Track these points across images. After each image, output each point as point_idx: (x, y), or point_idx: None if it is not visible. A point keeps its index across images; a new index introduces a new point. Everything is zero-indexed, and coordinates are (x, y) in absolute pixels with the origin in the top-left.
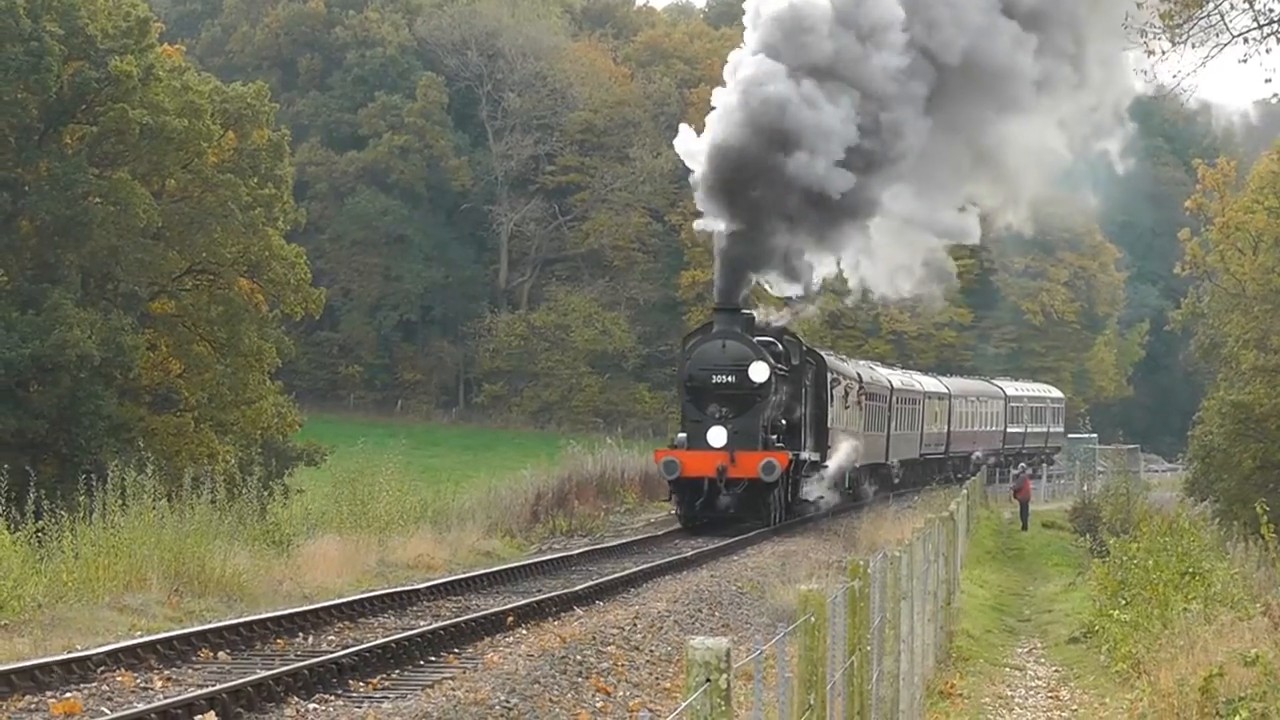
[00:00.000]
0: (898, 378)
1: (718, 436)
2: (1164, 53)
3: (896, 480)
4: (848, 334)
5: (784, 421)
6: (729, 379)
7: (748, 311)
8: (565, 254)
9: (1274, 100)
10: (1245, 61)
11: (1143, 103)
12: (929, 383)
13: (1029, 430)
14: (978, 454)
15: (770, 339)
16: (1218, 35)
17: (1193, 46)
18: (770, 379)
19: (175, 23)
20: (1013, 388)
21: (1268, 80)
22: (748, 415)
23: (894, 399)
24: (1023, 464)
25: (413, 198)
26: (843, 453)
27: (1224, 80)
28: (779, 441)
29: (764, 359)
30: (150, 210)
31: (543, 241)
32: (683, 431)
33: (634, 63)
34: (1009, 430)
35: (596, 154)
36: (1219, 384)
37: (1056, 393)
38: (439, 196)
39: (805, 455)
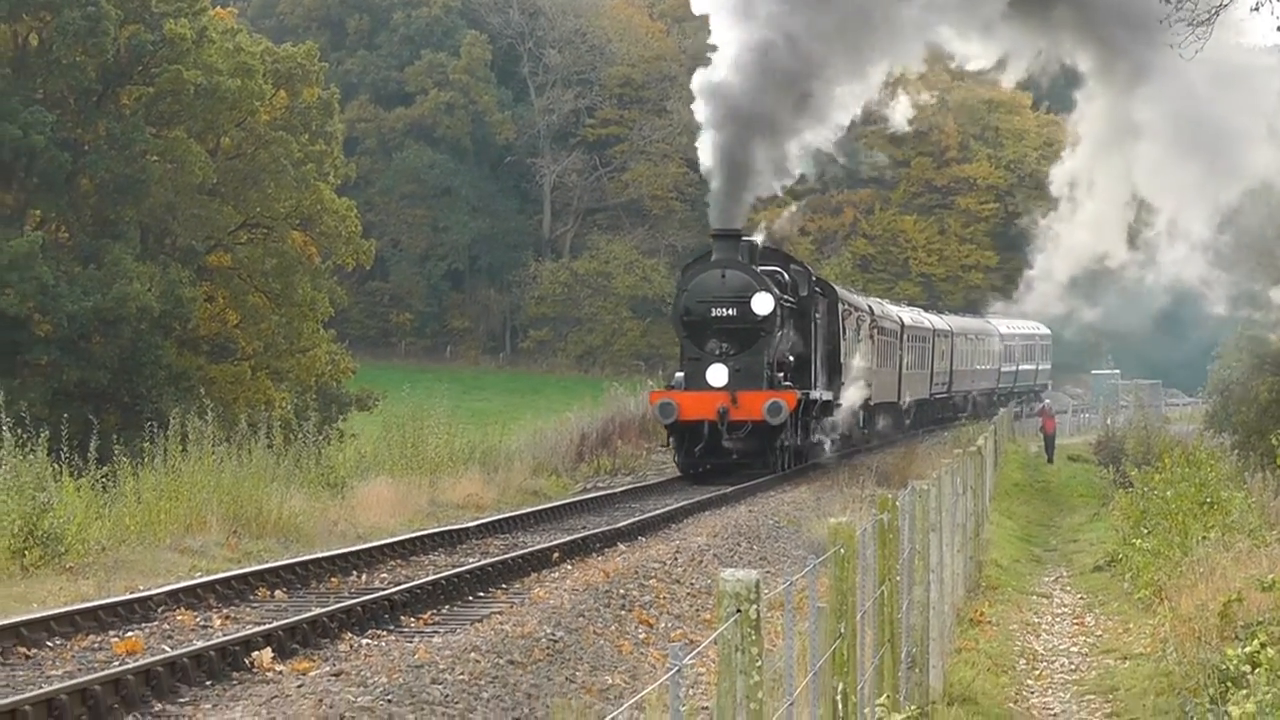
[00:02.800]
0: (907, 314)
1: (718, 375)
2: (1180, 2)
3: (908, 421)
4: (878, 276)
5: (791, 358)
6: (729, 312)
7: (749, 238)
8: (606, 204)
9: None
10: (1257, 9)
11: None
12: (935, 319)
13: (1020, 368)
14: (976, 392)
15: (775, 268)
16: None
17: None
18: (775, 311)
19: None
20: (1005, 325)
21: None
22: (751, 351)
23: (905, 335)
24: (1046, 400)
25: (459, 152)
26: (857, 391)
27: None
28: (786, 380)
29: (768, 289)
30: (206, 167)
31: (584, 192)
32: (680, 370)
33: (669, 18)
34: (1003, 369)
35: (635, 107)
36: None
37: (1044, 329)
38: (484, 150)
39: (816, 394)
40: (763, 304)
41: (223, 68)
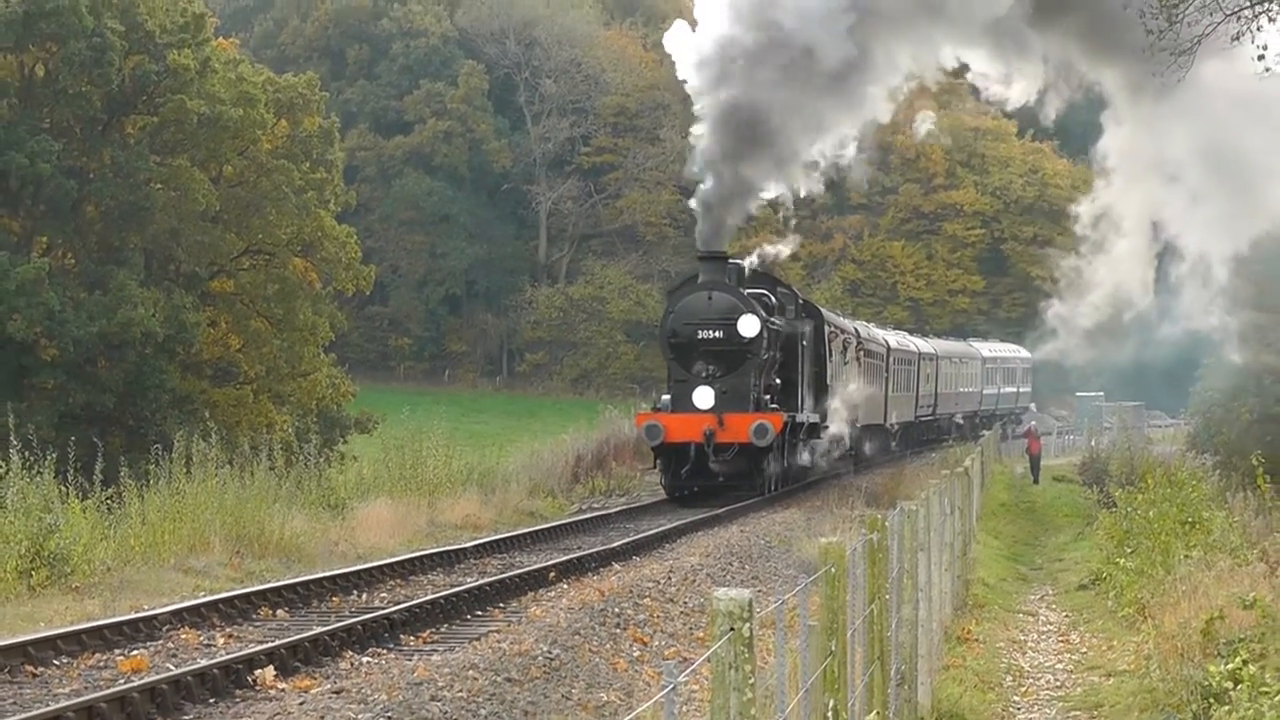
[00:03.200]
0: (893, 337)
1: (704, 398)
2: (1161, 33)
3: (895, 443)
4: (867, 301)
5: (778, 380)
6: (716, 334)
7: (737, 261)
8: (601, 230)
9: (1265, 74)
10: (1238, 39)
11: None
12: (920, 343)
13: (1001, 391)
14: (960, 416)
15: (763, 290)
16: (1211, 14)
17: (1188, 24)
18: (762, 333)
19: (229, 18)
20: (987, 349)
21: (1259, 57)
22: (737, 374)
23: (890, 358)
24: (1032, 422)
25: (456, 179)
26: (843, 413)
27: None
28: (773, 402)
29: (754, 311)
30: (209, 195)
31: (579, 218)
32: (668, 392)
33: (663, 49)
34: (984, 391)
35: (629, 135)
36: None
37: (1025, 352)
38: (481, 178)
39: (803, 416)
40: (749, 326)
41: (225, 97)
